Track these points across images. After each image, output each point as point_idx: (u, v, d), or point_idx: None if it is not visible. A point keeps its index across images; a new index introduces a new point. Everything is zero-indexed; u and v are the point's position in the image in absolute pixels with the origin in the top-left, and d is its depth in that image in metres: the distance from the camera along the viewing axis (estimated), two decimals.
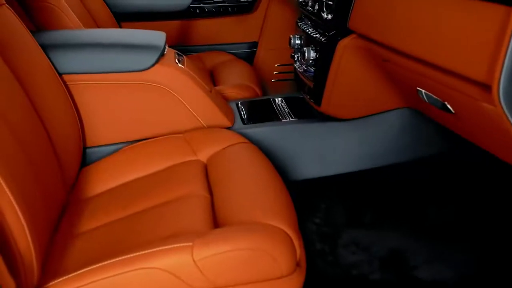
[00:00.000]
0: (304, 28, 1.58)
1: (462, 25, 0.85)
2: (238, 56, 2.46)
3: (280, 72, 2.55)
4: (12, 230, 0.85)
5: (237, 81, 1.95)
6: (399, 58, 1.11)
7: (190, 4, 2.37)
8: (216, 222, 1.03)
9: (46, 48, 1.31)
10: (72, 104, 1.33)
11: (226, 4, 2.40)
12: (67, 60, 1.34)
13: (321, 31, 1.46)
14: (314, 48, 1.47)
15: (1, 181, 0.84)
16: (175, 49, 2.30)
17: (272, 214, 1.00)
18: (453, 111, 1.04)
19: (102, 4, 2.21)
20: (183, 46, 2.47)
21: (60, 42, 1.38)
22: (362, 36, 1.28)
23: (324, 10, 1.40)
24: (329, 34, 1.39)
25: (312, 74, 1.50)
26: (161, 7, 2.36)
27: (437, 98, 1.07)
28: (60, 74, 1.33)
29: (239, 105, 1.71)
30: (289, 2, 2.34)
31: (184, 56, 1.57)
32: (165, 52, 1.45)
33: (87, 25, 1.93)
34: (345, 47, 1.34)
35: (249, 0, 2.44)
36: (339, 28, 1.36)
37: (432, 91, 1.08)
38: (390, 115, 1.50)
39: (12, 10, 1.21)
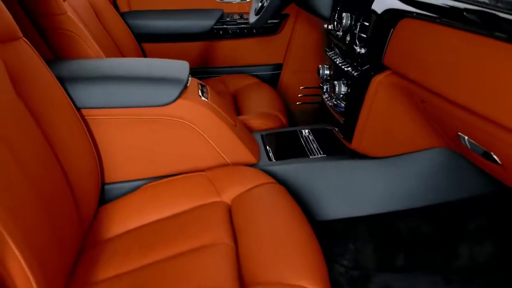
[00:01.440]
0: (334, 58, 1.52)
1: (508, 73, 0.79)
2: (262, 78, 2.41)
3: (305, 95, 2.49)
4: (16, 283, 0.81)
5: (261, 109, 1.90)
6: (440, 101, 1.05)
7: (213, 25, 2.33)
8: (241, 277, 0.98)
9: (64, 81, 1.28)
10: (90, 140, 1.29)
11: (250, 27, 2.35)
12: (85, 94, 1.30)
13: (353, 64, 1.40)
14: (345, 82, 1.42)
15: (2, 229, 0.79)
16: (197, 71, 2.29)
17: (302, 273, 0.94)
18: (499, 162, 0.98)
19: (123, 25, 2.19)
20: (205, 68, 2.44)
21: (79, 75, 1.34)
22: (398, 73, 1.23)
23: (357, 43, 1.34)
24: (362, 68, 1.34)
25: (343, 109, 1.44)
26: (183, 29, 2.33)
27: (481, 147, 1.00)
28: (78, 109, 1.29)
29: (264, 137, 1.66)
30: (315, 24, 2.29)
31: (207, 86, 1.53)
32: (188, 84, 1.41)
33: (108, 49, 1.90)
34: (380, 83, 1.28)
35: (274, 21, 2.39)
36: (373, 63, 1.30)
37: (476, 139, 1.01)
38: (425, 154, 1.43)
39: (29, 43, 1.18)
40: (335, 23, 1.55)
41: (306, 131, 1.71)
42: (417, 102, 1.23)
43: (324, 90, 1.61)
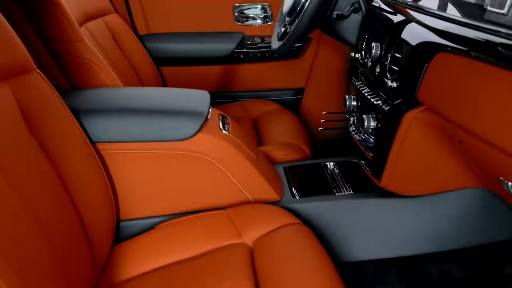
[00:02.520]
0: (362, 90, 1.46)
1: None
2: (283, 103, 2.35)
3: (327, 121, 2.43)
4: None
5: (284, 139, 1.84)
6: (481, 143, 0.98)
7: (234, 49, 2.28)
8: None
9: (78, 114, 1.23)
10: (105, 175, 1.24)
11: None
12: (101, 128, 1.25)
13: (383, 97, 1.33)
14: (374, 116, 1.35)
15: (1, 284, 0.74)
16: (217, 95, 2.24)
17: None
18: None
19: (141, 49, 2.15)
20: (225, 92, 2.39)
21: (94, 107, 1.29)
22: (434, 110, 1.16)
23: (388, 75, 1.27)
24: (393, 103, 1.27)
25: (371, 144, 1.37)
26: (203, 52, 2.28)
27: None
28: (93, 143, 1.25)
29: (287, 169, 1.60)
30: (339, 48, 2.23)
31: (228, 117, 1.47)
32: (208, 116, 1.35)
33: (125, 75, 1.86)
34: (413, 120, 1.21)
35: (296, 45, 2.34)
36: (405, 97, 1.23)
37: None
38: (459, 194, 1.36)
39: (42, 75, 1.13)
40: (363, 52, 1.49)
41: (331, 164, 1.64)
42: (453, 141, 1.16)
43: (351, 122, 1.54)
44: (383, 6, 1.50)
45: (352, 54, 1.57)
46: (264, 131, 1.96)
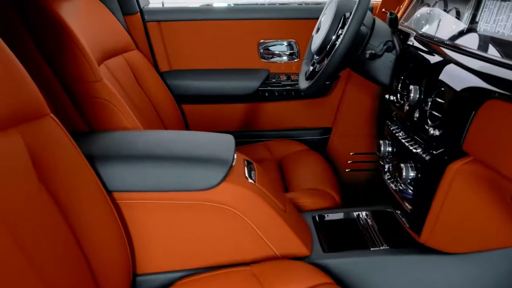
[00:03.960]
0: (398, 135, 1.37)
1: None
2: (309, 142, 2.27)
3: (355, 162, 2.33)
4: None
5: (311, 184, 1.75)
6: None
7: (259, 87, 2.21)
8: None
9: (94, 160, 1.16)
10: (121, 226, 1.16)
11: (298, 87, 2.22)
12: (118, 176, 1.18)
13: (423, 145, 1.24)
14: (413, 165, 1.25)
15: None
16: (240, 134, 2.17)
17: None
18: None
19: (162, 86, 2.09)
20: (249, 132, 2.32)
21: (111, 153, 1.22)
22: (482, 162, 1.06)
23: (429, 122, 1.18)
24: (435, 152, 1.17)
25: (410, 196, 1.28)
26: (227, 90, 2.22)
27: None
28: (109, 191, 1.17)
29: (316, 219, 1.50)
30: (368, 86, 2.15)
31: (254, 163, 1.39)
32: (233, 163, 1.27)
33: (145, 115, 1.80)
34: (457, 172, 1.11)
35: None
36: (449, 147, 1.14)
37: None
38: (509, 253, 1.25)
39: (56, 120, 1.07)
40: (399, 94, 1.41)
41: (364, 213, 1.54)
42: (504, 196, 1.06)
43: (386, 169, 1.45)
44: (417, 44, 1.43)
45: (387, 96, 1.49)
46: (290, 175, 1.87)
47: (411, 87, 1.27)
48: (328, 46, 1.55)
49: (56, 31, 1.43)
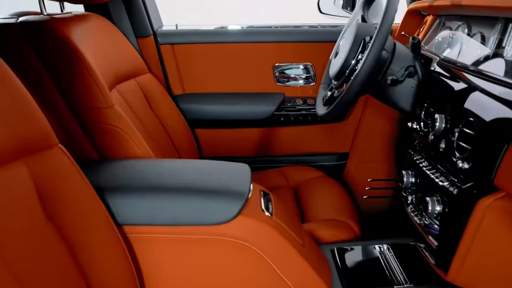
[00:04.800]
0: (422, 165, 1.30)
1: None
2: (325, 168, 2.22)
3: (372, 188, 2.27)
4: None
5: (329, 214, 1.68)
6: None
7: (274, 111, 2.16)
8: None
9: (104, 192, 1.12)
10: (131, 261, 1.11)
11: (314, 111, 2.17)
12: (128, 209, 1.13)
13: (450, 177, 1.18)
14: (439, 199, 1.19)
15: None
16: (255, 160, 2.12)
17: None
18: None
19: (175, 110, 2.05)
20: (264, 157, 2.27)
21: (121, 184, 1.18)
22: None
23: (457, 154, 1.12)
24: (464, 186, 1.11)
25: (436, 231, 1.21)
26: (241, 115, 2.17)
27: None
28: (119, 225, 1.13)
29: (335, 252, 1.44)
30: (386, 111, 2.09)
31: (271, 194, 1.33)
32: (249, 195, 1.21)
33: (157, 141, 1.76)
34: (489, 208, 1.05)
35: None
36: (479, 181, 1.07)
37: None
38: None
39: (65, 150, 1.02)
40: (422, 123, 1.35)
41: (385, 246, 1.48)
42: None
43: (409, 201, 1.38)
44: (440, 70, 1.37)
45: (409, 124, 1.43)
46: (307, 204, 1.81)
47: (437, 116, 1.21)
48: (347, 71, 1.51)
49: (66, 56, 1.40)
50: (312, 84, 2.21)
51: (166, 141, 1.90)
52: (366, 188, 2.27)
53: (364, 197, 2.28)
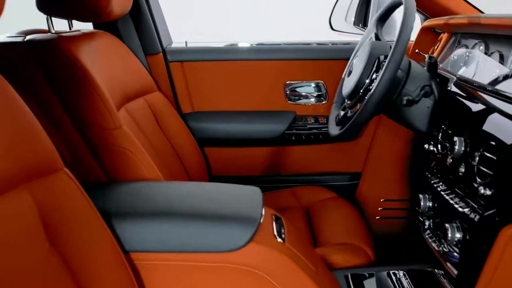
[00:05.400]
0: (440, 189, 1.26)
1: None
2: (337, 188, 2.17)
3: (385, 209, 2.22)
4: None
5: (342, 238, 1.64)
6: None
7: (285, 130, 2.12)
8: None
9: (111, 217, 1.08)
10: None
11: (326, 130, 2.13)
12: (135, 235, 1.10)
13: (471, 203, 1.13)
14: (459, 225, 1.15)
15: None
16: (265, 179, 2.08)
17: None
18: None
19: (184, 129, 2.02)
20: (275, 177, 2.23)
21: (129, 209, 1.14)
22: None
23: (478, 179, 1.07)
24: (485, 213, 1.06)
25: (456, 260, 1.16)
26: (252, 133, 2.14)
27: None
28: (126, 252, 1.09)
29: (350, 279, 1.40)
30: (399, 130, 2.05)
31: (283, 218, 1.29)
32: (261, 221, 1.17)
33: (166, 161, 1.73)
34: None
35: None
36: (502, 208, 1.03)
37: None
38: None
39: (70, 174, 0.99)
40: (440, 145, 1.31)
41: (401, 273, 1.43)
42: None
43: (426, 226, 1.34)
44: (457, 90, 1.34)
45: (426, 145, 1.39)
46: (319, 226, 1.77)
47: (455, 138, 1.17)
48: (361, 91, 1.48)
49: (74, 75, 1.37)
50: (323, 102, 2.18)
51: (174, 161, 1.87)
52: (379, 209, 2.23)
53: (376, 217, 2.23)
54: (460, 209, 1.14)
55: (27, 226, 0.88)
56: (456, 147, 1.16)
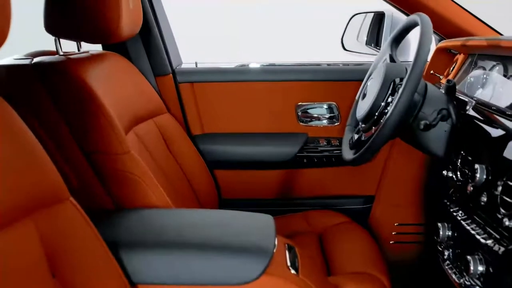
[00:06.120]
0: (461, 219, 1.22)
1: None
2: (350, 211, 2.12)
3: (400, 233, 2.17)
4: None
5: (357, 266, 1.59)
6: None
7: (297, 152, 2.08)
8: None
9: (117, 247, 1.05)
10: None
11: (338, 153, 2.09)
12: (143, 266, 1.07)
13: (494, 235, 1.08)
14: (481, 258, 1.10)
15: None
16: (276, 203, 2.03)
17: None
18: None
19: (193, 152, 1.98)
20: (286, 200, 2.19)
21: (136, 240, 1.11)
22: None
23: (501, 210, 1.03)
24: (510, 246, 1.02)
25: None
26: (263, 156, 2.10)
27: None
28: (133, 284, 1.06)
29: None
30: (414, 153, 2.00)
31: (296, 249, 1.25)
32: (274, 251, 1.13)
33: (175, 186, 1.70)
34: None
35: None
36: None
37: None
38: None
39: (76, 204, 0.96)
40: (459, 172, 1.26)
41: None
42: None
43: (445, 257, 1.29)
44: (475, 114, 1.30)
45: (444, 172, 1.35)
46: (332, 253, 1.72)
47: (477, 166, 1.13)
48: (376, 114, 1.44)
49: (81, 99, 1.35)
50: (336, 124, 2.14)
51: (184, 184, 1.83)
52: (393, 233, 2.18)
53: (390, 242, 2.18)
54: (483, 241, 1.09)
55: (30, 260, 0.85)
56: (478, 175, 1.12)
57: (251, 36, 4.53)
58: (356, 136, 1.63)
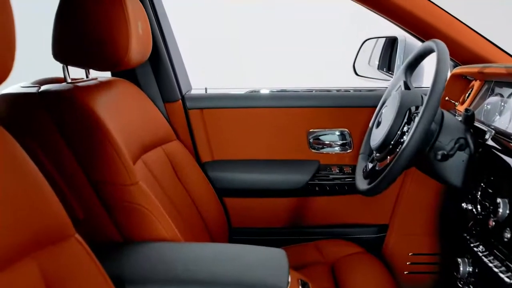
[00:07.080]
0: (483, 256, 1.17)
1: None
2: (363, 241, 2.08)
3: (414, 263, 2.11)
4: None
5: None
6: None
7: (309, 180, 2.04)
8: None
9: (124, 283, 1.02)
10: None
11: (351, 181, 2.05)
12: None
13: None
14: None
15: None
16: (288, 231, 1.99)
17: None
18: None
19: (203, 179, 1.95)
20: (297, 229, 2.14)
21: (143, 276, 1.07)
22: None
23: None
24: None
25: None
26: (273, 184, 2.06)
27: None
28: None
29: None
30: (429, 181, 1.96)
31: (310, 283, 1.20)
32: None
33: (184, 214, 1.66)
34: None
35: None
36: None
37: None
38: None
39: (81, 241, 0.92)
40: (479, 205, 1.22)
41: None
42: None
43: None
44: (494, 143, 1.26)
45: (463, 205, 1.30)
46: (345, 285, 1.67)
47: (499, 200, 1.08)
48: (391, 143, 1.40)
49: (88, 128, 1.31)
50: (349, 151, 2.10)
51: (193, 212, 1.79)
52: (407, 263, 2.12)
53: (405, 272, 2.12)
54: (507, 280, 1.04)
55: None
56: (500, 210, 1.07)
57: (251, 36, 4.48)
58: (370, 165, 1.59)
